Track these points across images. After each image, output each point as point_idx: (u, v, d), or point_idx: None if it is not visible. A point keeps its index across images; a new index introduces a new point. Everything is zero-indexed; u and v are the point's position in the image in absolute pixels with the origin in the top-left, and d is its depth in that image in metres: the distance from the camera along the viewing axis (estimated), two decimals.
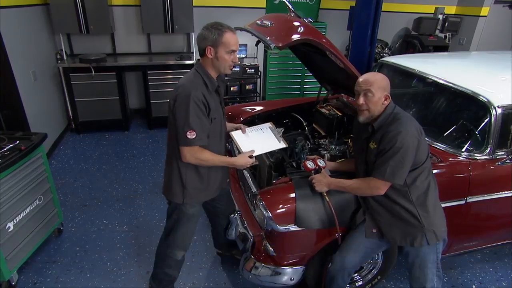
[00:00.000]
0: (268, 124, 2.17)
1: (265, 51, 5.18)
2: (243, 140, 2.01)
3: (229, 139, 2.31)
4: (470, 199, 2.05)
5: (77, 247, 2.65)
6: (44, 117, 3.93)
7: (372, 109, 1.73)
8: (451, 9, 6.24)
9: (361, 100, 1.74)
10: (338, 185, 1.82)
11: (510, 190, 2.12)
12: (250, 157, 1.84)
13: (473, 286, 2.45)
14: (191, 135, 1.65)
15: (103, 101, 4.43)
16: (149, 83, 4.50)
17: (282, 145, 2.05)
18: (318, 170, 1.91)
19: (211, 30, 1.65)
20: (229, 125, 2.10)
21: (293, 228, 1.80)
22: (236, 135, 2.03)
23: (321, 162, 1.94)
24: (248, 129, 2.09)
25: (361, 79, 1.76)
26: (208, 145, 1.76)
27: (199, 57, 1.80)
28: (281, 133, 2.11)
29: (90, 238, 2.75)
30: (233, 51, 1.69)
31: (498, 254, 2.73)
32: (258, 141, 2.04)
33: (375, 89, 1.70)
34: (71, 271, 2.43)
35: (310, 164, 1.92)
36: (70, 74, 4.19)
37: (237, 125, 2.12)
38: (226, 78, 4.98)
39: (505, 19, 6.14)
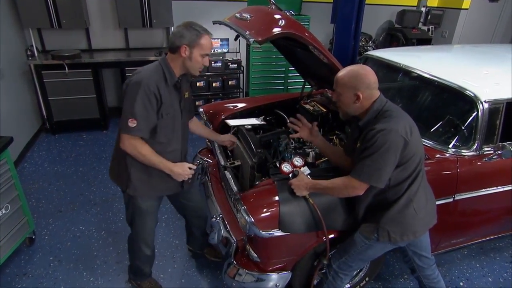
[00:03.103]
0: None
1: (248, 46, 5.05)
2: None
3: (212, 140, 2.46)
4: (458, 197, 2.01)
5: (51, 257, 2.49)
6: (14, 118, 3.70)
7: (343, 108, 1.65)
8: (433, 2, 6.24)
9: (334, 97, 1.67)
10: (316, 187, 1.70)
11: (497, 186, 2.09)
12: (191, 168, 1.80)
13: (461, 283, 2.43)
14: (132, 123, 1.61)
15: (79, 99, 4.21)
16: None
17: (261, 122, 2.46)
18: (295, 173, 1.79)
19: (190, 30, 1.64)
20: (222, 136, 2.25)
21: (277, 233, 1.71)
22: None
23: (298, 161, 1.83)
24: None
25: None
26: (168, 142, 1.76)
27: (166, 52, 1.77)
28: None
29: (65, 246, 2.60)
30: (207, 54, 1.71)
31: (484, 249, 2.72)
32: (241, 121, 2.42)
33: (341, 88, 1.61)
34: (43, 284, 2.28)
35: (286, 167, 1.80)
36: (42, 72, 3.96)
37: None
38: (209, 74, 4.85)
39: (485, 12, 6.18)
